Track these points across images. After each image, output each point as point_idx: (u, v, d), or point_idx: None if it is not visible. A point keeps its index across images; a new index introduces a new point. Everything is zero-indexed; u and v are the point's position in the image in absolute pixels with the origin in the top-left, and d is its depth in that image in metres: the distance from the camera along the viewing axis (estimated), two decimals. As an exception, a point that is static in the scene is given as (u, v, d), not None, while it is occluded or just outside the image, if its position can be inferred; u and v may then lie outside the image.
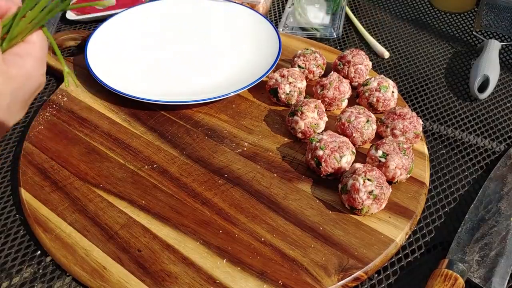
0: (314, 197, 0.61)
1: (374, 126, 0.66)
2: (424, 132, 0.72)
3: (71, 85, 0.57)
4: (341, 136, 0.63)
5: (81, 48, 0.86)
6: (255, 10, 0.90)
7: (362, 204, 0.56)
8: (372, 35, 0.91)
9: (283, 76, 0.72)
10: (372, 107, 0.71)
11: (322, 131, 0.67)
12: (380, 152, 0.61)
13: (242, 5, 0.92)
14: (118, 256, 0.55)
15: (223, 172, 0.64)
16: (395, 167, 0.59)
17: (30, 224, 0.59)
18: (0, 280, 0.56)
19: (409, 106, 0.76)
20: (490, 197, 0.61)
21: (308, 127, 0.66)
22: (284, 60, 0.81)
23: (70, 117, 0.72)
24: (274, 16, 0.99)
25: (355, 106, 0.68)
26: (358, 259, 0.54)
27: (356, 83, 0.75)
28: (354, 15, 0.96)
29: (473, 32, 0.93)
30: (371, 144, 0.64)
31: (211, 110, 0.74)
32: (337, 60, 0.77)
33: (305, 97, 0.74)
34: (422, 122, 0.67)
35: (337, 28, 0.92)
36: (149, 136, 0.70)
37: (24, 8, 0.44)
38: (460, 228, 0.58)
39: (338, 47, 0.89)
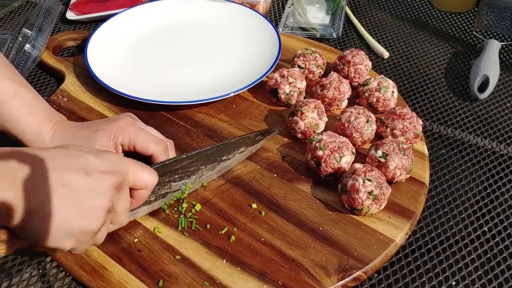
0: (314, 197, 0.61)
1: (374, 126, 0.66)
2: (424, 132, 0.72)
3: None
4: (341, 136, 0.63)
5: (81, 48, 0.86)
6: (255, 10, 0.90)
7: (361, 204, 0.56)
8: (372, 35, 0.91)
9: (283, 76, 0.72)
10: (372, 107, 0.71)
11: (322, 131, 0.67)
12: (380, 152, 0.61)
13: (242, 5, 0.92)
14: (118, 256, 0.55)
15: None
16: (395, 167, 0.59)
17: (30, 224, 0.59)
18: (0, 280, 0.56)
19: (409, 106, 0.76)
20: None
21: (308, 128, 0.66)
22: (284, 60, 0.81)
23: (70, 118, 0.72)
24: (274, 16, 0.99)
25: (355, 106, 0.68)
26: (358, 259, 0.54)
27: (356, 83, 0.75)
28: (354, 15, 0.96)
29: (473, 32, 0.93)
30: (371, 144, 0.63)
31: (211, 110, 0.74)
32: (337, 60, 0.77)
33: (305, 97, 0.74)
34: (422, 122, 0.67)
35: (337, 28, 0.92)
36: (149, 136, 0.70)
37: None
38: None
39: (338, 47, 0.89)
